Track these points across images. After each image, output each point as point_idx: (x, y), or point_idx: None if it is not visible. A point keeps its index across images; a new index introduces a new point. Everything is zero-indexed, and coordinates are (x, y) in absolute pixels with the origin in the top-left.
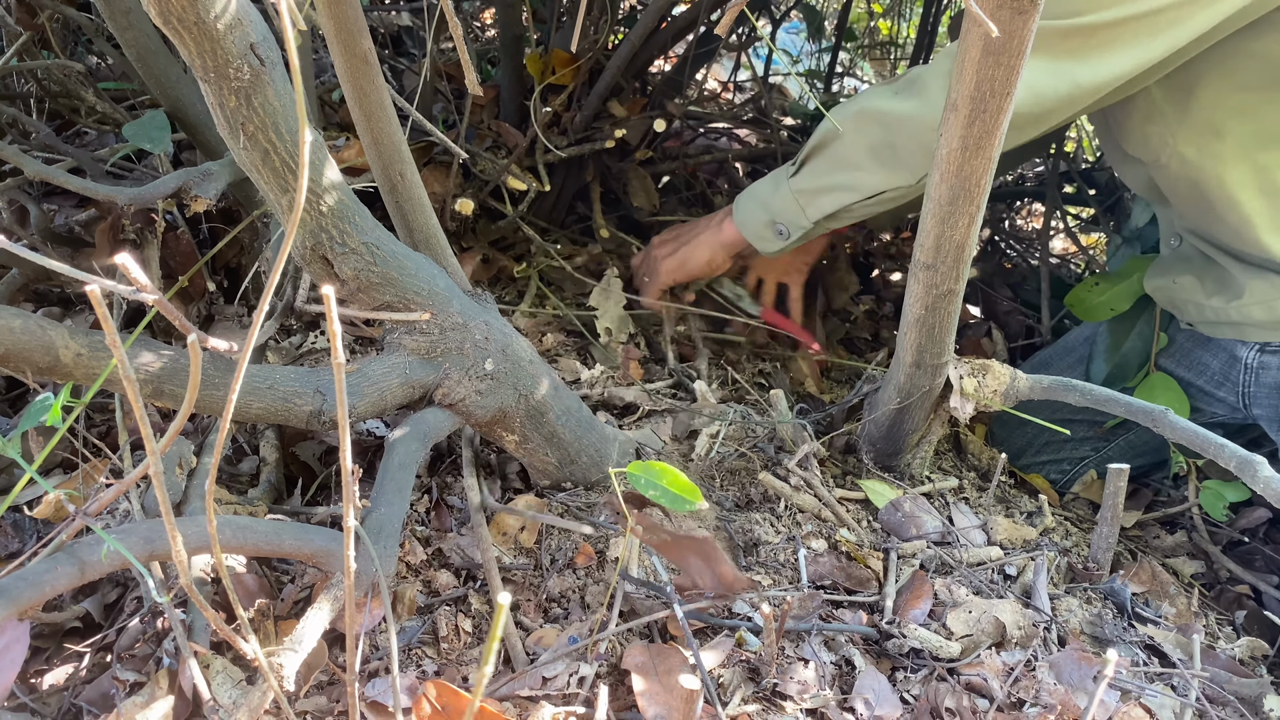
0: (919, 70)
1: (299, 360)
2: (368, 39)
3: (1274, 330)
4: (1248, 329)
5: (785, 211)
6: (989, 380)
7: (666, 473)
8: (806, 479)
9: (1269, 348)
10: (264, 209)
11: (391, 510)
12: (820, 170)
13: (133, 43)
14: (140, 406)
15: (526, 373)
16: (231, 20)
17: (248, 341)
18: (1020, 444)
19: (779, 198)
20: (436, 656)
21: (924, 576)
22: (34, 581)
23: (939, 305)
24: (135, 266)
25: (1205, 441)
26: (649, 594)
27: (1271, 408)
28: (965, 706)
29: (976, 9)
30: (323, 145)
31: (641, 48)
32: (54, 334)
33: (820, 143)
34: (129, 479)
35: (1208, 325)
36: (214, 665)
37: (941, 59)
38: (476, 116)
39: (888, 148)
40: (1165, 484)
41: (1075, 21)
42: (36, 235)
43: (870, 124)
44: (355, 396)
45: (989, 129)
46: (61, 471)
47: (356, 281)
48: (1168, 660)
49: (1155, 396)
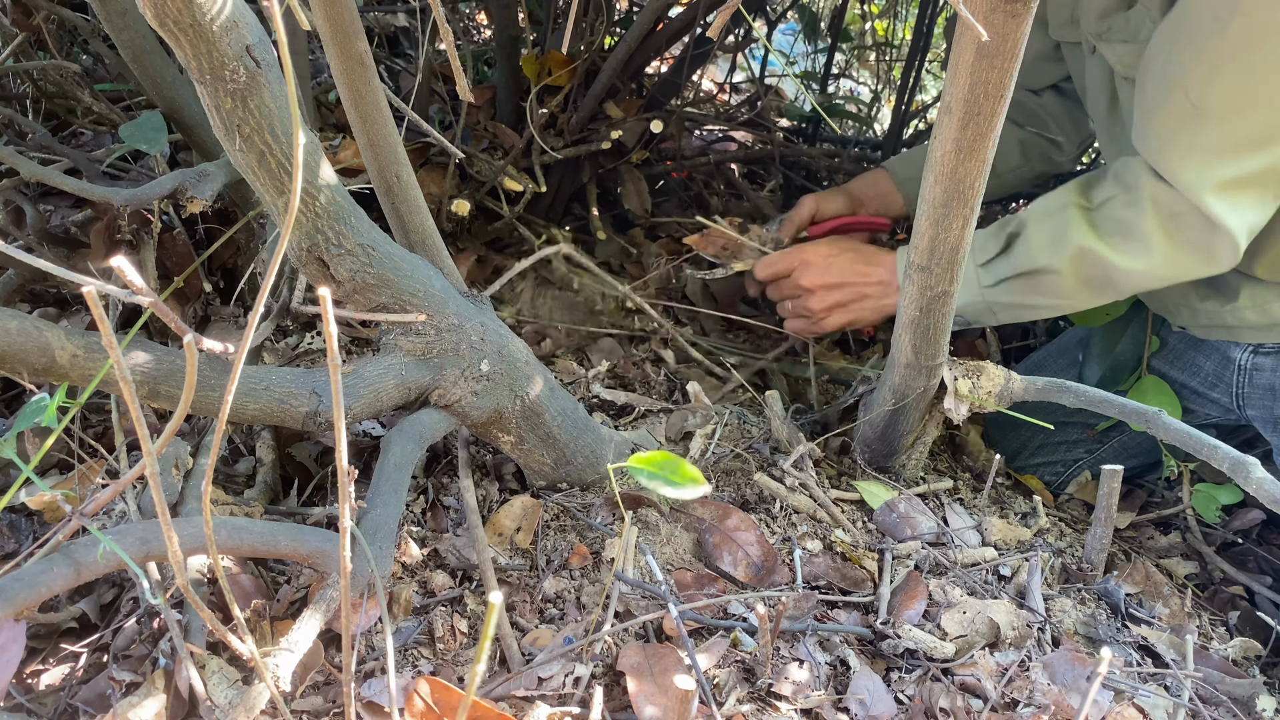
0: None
1: (295, 361)
2: (363, 41)
3: (1268, 332)
4: (1241, 331)
5: (973, 312)
6: (983, 381)
7: (667, 459)
8: (802, 480)
9: (1262, 349)
10: (260, 210)
11: (387, 511)
12: (1025, 291)
13: (129, 44)
14: (136, 407)
15: (522, 374)
16: (227, 22)
17: (243, 343)
18: (1015, 446)
19: (967, 296)
20: (432, 657)
21: (919, 577)
22: (30, 582)
23: (934, 307)
24: (130, 269)
25: (1198, 443)
26: (644, 594)
27: (1265, 408)
28: (959, 707)
29: (967, 15)
30: (318, 147)
31: (638, 49)
32: (50, 335)
33: (1029, 272)
34: (125, 479)
35: (1201, 328)
36: (210, 665)
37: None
38: (473, 117)
39: (1105, 283)
40: (1159, 485)
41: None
42: (32, 236)
43: (1091, 267)
44: (351, 398)
45: (983, 132)
46: (58, 472)
47: (352, 283)
48: (1161, 661)
49: (1147, 399)
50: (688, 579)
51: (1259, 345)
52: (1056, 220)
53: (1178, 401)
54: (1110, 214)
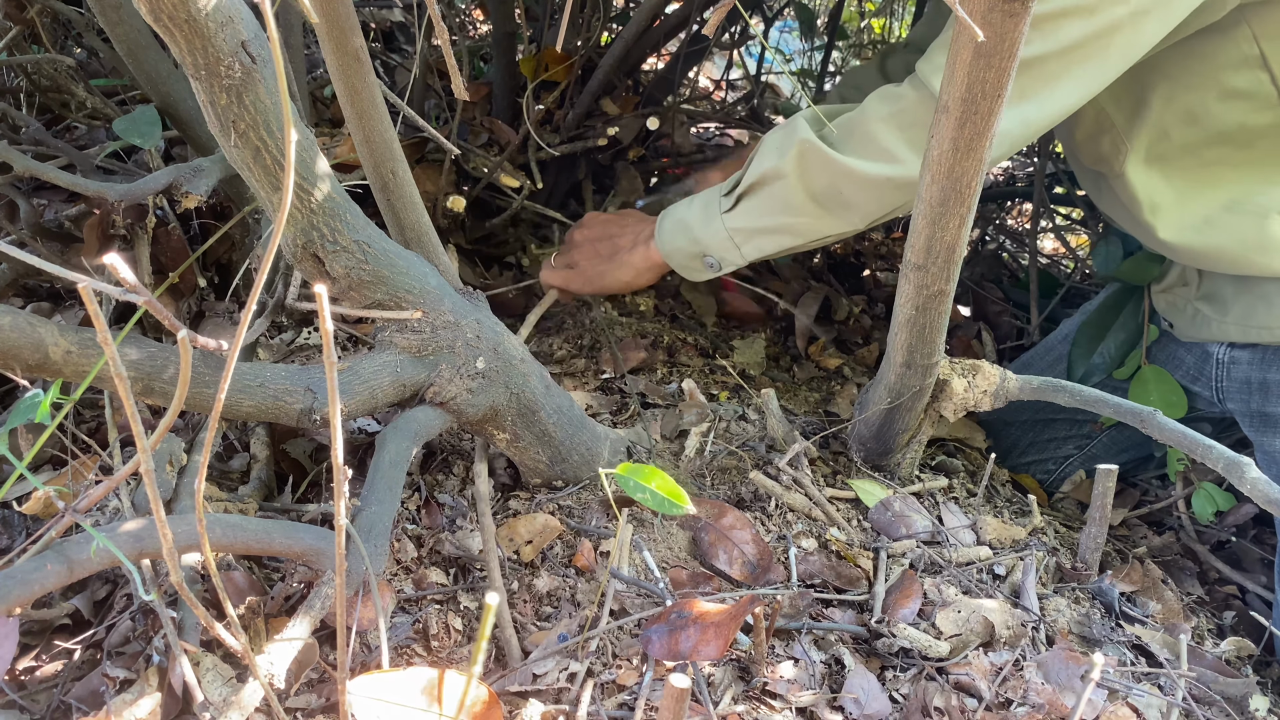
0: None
1: (290, 357)
2: (359, 36)
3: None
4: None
5: (718, 248)
6: (979, 381)
7: (655, 475)
8: (797, 478)
9: (1238, 344)
10: (255, 205)
11: (382, 508)
12: (758, 210)
13: (123, 38)
14: (130, 404)
15: (518, 371)
16: (223, 17)
17: (236, 339)
18: (1007, 445)
19: (711, 232)
20: (427, 654)
21: (913, 576)
22: (23, 579)
23: (929, 306)
24: (124, 266)
25: (1193, 442)
26: (640, 592)
27: (1243, 402)
28: (954, 706)
29: (964, 15)
30: (314, 143)
31: (634, 46)
32: (43, 331)
33: (759, 180)
34: (119, 476)
35: (1188, 336)
36: (204, 663)
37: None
38: (469, 113)
39: (834, 195)
40: (1154, 483)
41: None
42: (26, 231)
43: (816, 169)
44: (346, 394)
45: (979, 131)
46: (51, 468)
47: (348, 279)
48: (1155, 660)
49: (1149, 390)
50: (683, 577)
51: (1234, 341)
52: (786, 128)
53: (1181, 391)
54: (842, 122)
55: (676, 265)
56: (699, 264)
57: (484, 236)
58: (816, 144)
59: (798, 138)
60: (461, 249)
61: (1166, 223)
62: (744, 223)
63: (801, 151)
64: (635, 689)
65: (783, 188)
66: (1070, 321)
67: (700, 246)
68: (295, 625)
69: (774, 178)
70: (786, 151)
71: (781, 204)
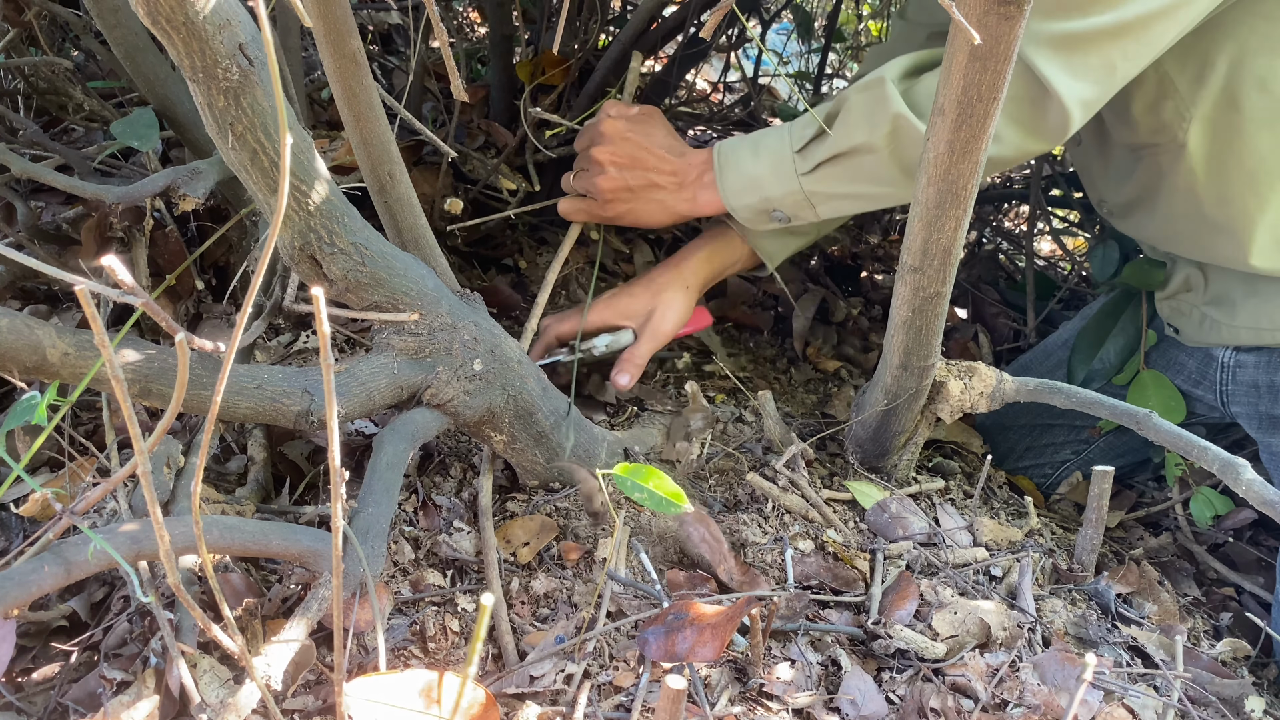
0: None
1: (288, 359)
2: (357, 38)
3: (1254, 335)
4: (1240, 333)
5: (791, 204)
6: (975, 383)
7: (653, 475)
8: (794, 480)
9: (1243, 346)
10: (252, 207)
11: (379, 510)
12: (843, 178)
13: (121, 40)
14: (128, 406)
15: (515, 373)
16: (220, 20)
17: (232, 342)
18: (1004, 449)
19: (783, 186)
20: (424, 656)
21: (910, 577)
22: (20, 581)
23: (926, 308)
24: (121, 267)
25: (1189, 444)
26: (637, 593)
27: (1250, 405)
28: (950, 707)
29: (960, 17)
30: (311, 145)
31: (631, 48)
32: (41, 333)
33: (847, 151)
34: (116, 477)
35: (1193, 341)
36: (201, 665)
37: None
38: (466, 116)
39: None
40: (1150, 485)
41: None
42: (23, 233)
43: (910, 145)
44: (343, 396)
45: (976, 133)
46: (48, 470)
47: (345, 281)
48: (1151, 661)
49: (1147, 394)
50: (680, 579)
51: (1242, 344)
52: (874, 94)
53: (1179, 395)
54: (926, 87)
55: (743, 219)
56: (766, 218)
57: (481, 239)
58: (911, 120)
59: (891, 111)
60: (459, 251)
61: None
62: (824, 188)
63: (896, 128)
64: (632, 690)
65: (874, 162)
66: (1069, 326)
67: (770, 204)
68: (292, 627)
69: (865, 151)
70: (879, 126)
71: (869, 175)
